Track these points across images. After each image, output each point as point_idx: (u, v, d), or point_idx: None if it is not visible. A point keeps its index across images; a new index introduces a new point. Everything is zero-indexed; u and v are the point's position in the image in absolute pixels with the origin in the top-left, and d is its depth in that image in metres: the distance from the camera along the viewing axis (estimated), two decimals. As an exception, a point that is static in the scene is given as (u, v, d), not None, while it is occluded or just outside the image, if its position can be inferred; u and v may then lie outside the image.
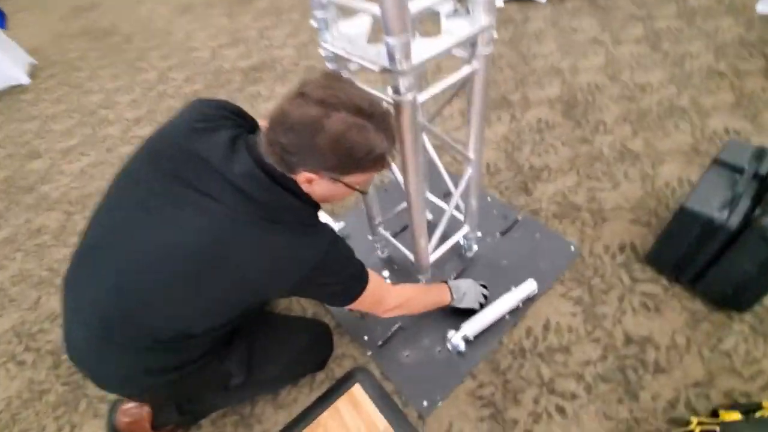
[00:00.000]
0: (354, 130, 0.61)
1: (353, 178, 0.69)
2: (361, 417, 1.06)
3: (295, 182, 0.69)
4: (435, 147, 1.20)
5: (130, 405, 1.01)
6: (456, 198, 1.12)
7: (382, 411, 1.07)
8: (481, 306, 1.18)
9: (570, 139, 1.73)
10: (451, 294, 1.13)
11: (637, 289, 1.21)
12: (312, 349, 1.12)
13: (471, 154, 1.02)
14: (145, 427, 1.00)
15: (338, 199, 0.78)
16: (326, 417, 1.08)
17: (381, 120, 0.65)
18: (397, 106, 0.72)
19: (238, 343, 0.90)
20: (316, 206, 0.77)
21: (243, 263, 0.67)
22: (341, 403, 1.09)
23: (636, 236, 1.34)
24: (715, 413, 0.96)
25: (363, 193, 0.78)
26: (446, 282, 1.16)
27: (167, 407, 1.03)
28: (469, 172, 1.06)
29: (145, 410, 1.01)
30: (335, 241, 0.76)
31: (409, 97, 0.70)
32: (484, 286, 1.21)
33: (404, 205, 1.13)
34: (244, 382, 0.93)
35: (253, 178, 0.66)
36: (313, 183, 0.68)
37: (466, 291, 1.15)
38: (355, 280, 0.82)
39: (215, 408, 1.09)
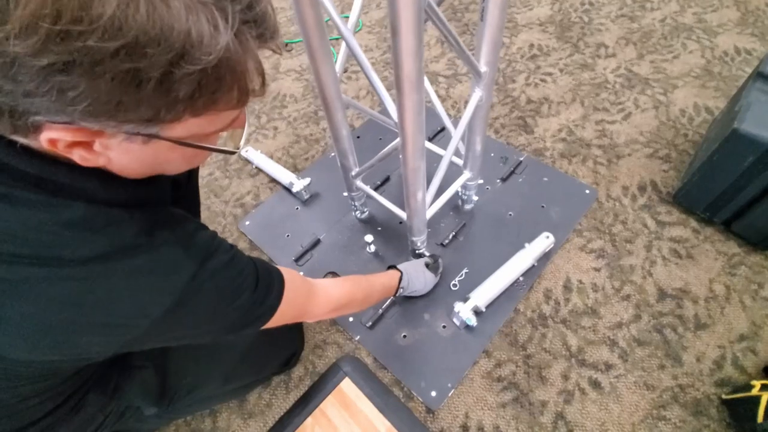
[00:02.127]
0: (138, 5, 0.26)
1: (180, 126, 0.33)
2: (356, 419, 0.85)
3: (55, 161, 0.35)
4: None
5: None
6: (458, 135, 0.85)
7: (380, 409, 0.86)
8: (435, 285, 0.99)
9: (569, 65, 1.48)
10: (400, 281, 0.89)
11: (665, 234, 1.04)
12: (265, 348, 0.81)
13: (483, 67, 0.74)
14: None
15: (171, 172, 0.42)
16: (311, 424, 0.87)
17: None
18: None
19: (140, 367, 0.62)
20: (137, 201, 0.40)
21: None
22: (328, 405, 0.88)
23: (656, 173, 1.16)
24: (767, 371, 0.83)
25: (228, 153, 0.42)
26: (396, 267, 0.92)
27: None
28: (478, 95, 0.79)
29: None
30: (207, 256, 0.43)
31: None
32: (433, 261, 1.00)
33: (389, 149, 0.85)
34: (163, 412, 0.67)
35: None
36: (93, 151, 0.33)
37: (413, 275, 0.92)
38: (256, 301, 0.49)
39: None
